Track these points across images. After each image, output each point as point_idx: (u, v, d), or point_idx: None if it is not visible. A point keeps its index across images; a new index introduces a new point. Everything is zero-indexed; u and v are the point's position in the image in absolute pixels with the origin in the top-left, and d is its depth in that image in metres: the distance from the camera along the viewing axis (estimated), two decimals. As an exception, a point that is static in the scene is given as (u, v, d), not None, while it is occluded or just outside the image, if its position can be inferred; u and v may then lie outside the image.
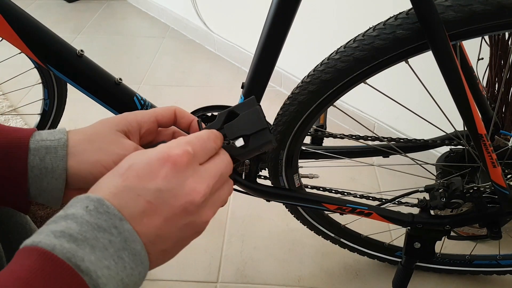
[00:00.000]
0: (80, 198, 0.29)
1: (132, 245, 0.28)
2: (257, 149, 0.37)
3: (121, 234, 0.28)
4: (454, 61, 0.53)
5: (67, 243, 0.26)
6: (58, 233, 0.26)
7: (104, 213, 0.28)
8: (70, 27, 2.22)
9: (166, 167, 0.30)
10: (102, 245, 0.27)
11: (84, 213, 0.28)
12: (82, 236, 0.26)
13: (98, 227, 0.27)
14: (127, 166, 0.30)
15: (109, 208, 0.28)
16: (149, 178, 0.29)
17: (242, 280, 1.05)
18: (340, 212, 0.77)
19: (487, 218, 0.74)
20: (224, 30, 1.87)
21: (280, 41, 0.57)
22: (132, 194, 0.29)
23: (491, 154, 0.62)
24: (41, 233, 0.27)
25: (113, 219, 0.28)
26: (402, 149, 0.78)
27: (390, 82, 1.07)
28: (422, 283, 1.03)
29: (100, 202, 0.28)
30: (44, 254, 0.25)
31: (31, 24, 0.55)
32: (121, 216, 0.28)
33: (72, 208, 0.28)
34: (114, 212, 0.28)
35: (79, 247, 0.26)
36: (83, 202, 0.28)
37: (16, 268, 0.25)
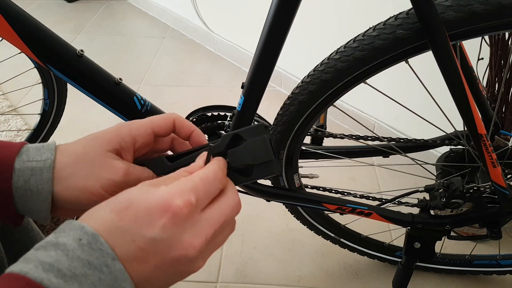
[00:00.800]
0: (73, 225, 0.28)
1: (122, 284, 0.27)
2: (259, 178, 0.35)
3: (112, 273, 0.27)
4: (454, 61, 0.53)
5: (55, 278, 0.25)
6: (47, 265, 0.26)
7: (97, 250, 0.27)
8: (70, 27, 2.22)
9: (165, 217, 0.28)
10: (91, 283, 0.26)
11: (76, 246, 0.27)
12: (71, 272, 0.26)
13: (89, 264, 0.26)
14: (126, 206, 0.28)
15: (103, 245, 0.27)
16: (146, 225, 0.28)
17: (242, 280, 1.05)
18: (340, 212, 0.77)
19: (487, 218, 0.74)
20: (224, 30, 1.87)
21: (280, 41, 0.57)
22: (126, 237, 0.28)
23: (491, 154, 0.62)
24: (30, 262, 0.26)
25: (105, 258, 0.27)
26: (402, 149, 0.78)
27: (390, 82, 1.07)
28: (422, 283, 1.03)
29: (94, 237, 0.27)
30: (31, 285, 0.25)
31: (31, 24, 0.55)
32: (114, 255, 0.27)
33: (64, 237, 0.27)
34: (108, 251, 0.27)
35: (67, 283, 0.25)
36: (77, 232, 0.27)
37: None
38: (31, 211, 0.35)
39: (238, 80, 1.78)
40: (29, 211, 0.35)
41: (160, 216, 0.28)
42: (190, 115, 0.77)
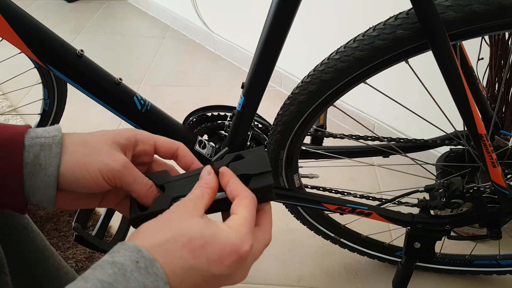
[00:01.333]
0: (129, 247, 0.30)
1: None
2: (255, 190, 0.37)
3: None
4: (454, 61, 0.53)
5: None
6: (107, 284, 0.27)
7: (153, 274, 0.29)
8: (70, 27, 2.22)
9: (233, 258, 0.32)
10: None
11: (134, 268, 0.29)
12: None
13: (144, 286, 0.28)
14: (201, 245, 0.31)
15: (159, 270, 0.29)
16: (217, 265, 0.31)
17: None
18: (340, 212, 0.77)
19: (487, 218, 0.74)
20: (224, 30, 1.87)
21: (280, 41, 0.57)
22: (197, 273, 0.31)
23: (491, 154, 0.62)
24: (88, 281, 0.28)
25: (159, 282, 0.29)
26: (402, 149, 0.78)
27: (390, 82, 1.07)
28: (422, 283, 1.03)
29: (152, 262, 0.29)
30: None
31: (31, 24, 0.56)
32: (166, 279, 0.30)
33: (120, 256, 0.29)
34: (162, 276, 0.29)
35: None
36: (133, 254, 0.30)
37: None
38: (38, 188, 0.36)
39: (238, 80, 1.78)
40: (36, 189, 0.36)
41: (229, 257, 0.31)
42: (190, 115, 0.77)
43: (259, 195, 0.37)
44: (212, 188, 0.36)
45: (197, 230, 0.32)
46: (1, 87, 1.69)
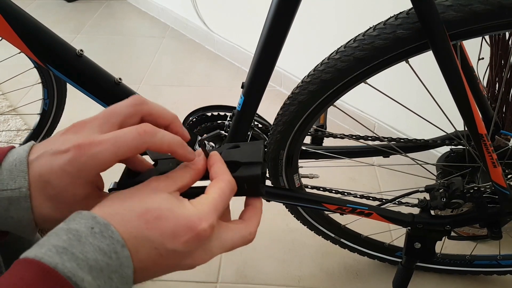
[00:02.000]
0: (84, 215, 0.29)
1: (125, 270, 0.29)
2: (239, 178, 0.36)
3: (119, 259, 0.29)
4: (454, 61, 0.53)
5: (69, 262, 0.27)
6: (61, 249, 0.27)
7: (108, 237, 0.29)
8: (70, 27, 2.22)
9: (189, 235, 0.31)
10: (99, 267, 0.28)
11: (89, 233, 0.28)
12: (83, 256, 0.27)
13: (100, 250, 0.28)
14: (155, 217, 0.30)
15: (114, 234, 0.29)
16: (171, 238, 0.30)
17: (242, 280, 1.05)
18: (340, 212, 0.77)
19: (487, 218, 0.74)
20: (224, 30, 1.87)
21: (280, 41, 0.57)
22: (150, 244, 0.30)
23: (492, 154, 0.62)
24: (43, 247, 0.27)
25: (115, 245, 0.29)
26: (402, 149, 0.78)
27: (390, 82, 1.07)
28: (422, 283, 1.03)
29: (106, 227, 0.29)
30: (46, 270, 0.26)
31: (31, 24, 0.55)
32: (124, 242, 0.29)
33: (75, 223, 0.29)
34: (118, 239, 0.29)
35: (79, 266, 0.27)
36: (88, 221, 0.29)
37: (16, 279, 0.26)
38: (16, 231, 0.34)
39: (238, 80, 1.78)
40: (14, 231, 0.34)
41: (185, 234, 0.30)
42: (190, 115, 0.77)
43: (246, 186, 0.36)
44: (196, 170, 0.35)
45: (156, 202, 0.31)
46: (0, 87, 1.69)
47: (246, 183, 0.36)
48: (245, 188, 0.36)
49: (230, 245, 0.35)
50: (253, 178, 0.36)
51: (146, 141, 0.32)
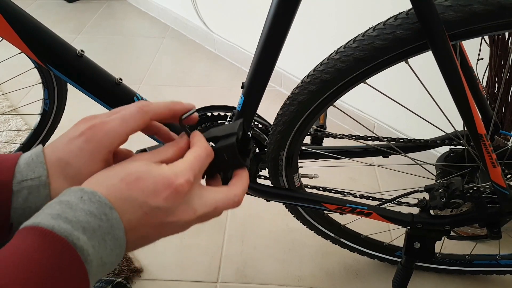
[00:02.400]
0: (73, 189, 0.32)
1: (116, 232, 0.32)
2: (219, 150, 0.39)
3: (109, 220, 0.31)
4: (454, 61, 0.53)
5: (64, 224, 0.29)
6: (55, 215, 0.30)
7: (96, 202, 0.31)
8: (70, 27, 2.22)
9: (169, 191, 0.33)
10: (92, 228, 0.30)
11: (79, 202, 0.31)
12: (76, 219, 0.30)
13: (90, 213, 0.31)
14: (135, 178, 0.33)
15: (101, 198, 0.32)
16: (152, 196, 0.33)
17: (242, 280, 1.05)
18: (340, 212, 0.77)
19: (487, 218, 0.74)
20: (224, 30, 1.87)
21: (280, 41, 0.57)
22: (134, 204, 0.33)
23: (491, 154, 0.62)
24: (39, 216, 0.30)
25: (103, 208, 0.31)
26: (402, 149, 0.78)
27: (390, 82, 1.07)
28: (422, 283, 1.03)
29: (93, 194, 0.32)
30: (44, 232, 0.28)
31: (31, 24, 0.55)
32: (111, 205, 0.32)
33: (66, 196, 0.31)
34: (105, 202, 0.32)
35: (74, 228, 0.29)
36: (77, 193, 0.32)
37: (19, 243, 0.28)
38: None
39: (238, 80, 1.78)
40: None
41: (164, 190, 0.33)
42: (190, 115, 0.77)
43: (226, 156, 0.39)
44: (178, 147, 0.38)
45: (134, 167, 0.34)
46: (1, 87, 1.69)
47: (225, 153, 0.39)
48: (226, 158, 0.39)
49: (213, 204, 0.37)
50: (229, 146, 0.39)
51: (147, 110, 0.37)
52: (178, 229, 0.36)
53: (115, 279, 0.98)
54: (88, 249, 0.30)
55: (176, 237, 1.15)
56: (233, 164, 0.41)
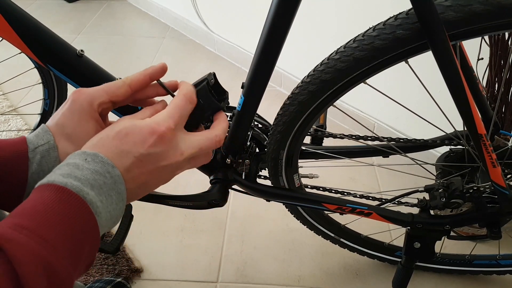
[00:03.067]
0: (77, 153, 0.37)
1: (119, 186, 0.37)
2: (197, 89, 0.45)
3: (112, 178, 0.36)
4: (454, 61, 0.53)
5: (74, 181, 0.34)
6: (66, 175, 0.35)
7: (100, 162, 0.36)
8: (70, 27, 2.22)
9: (153, 138, 0.39)
10: (98, 185, 0.35)
11: (83, 162, 0.36)
12: (84, 177, 0.35)
13: (95, 171, 0.36)
14: (125, 133, 0.38)
15: (103, 158, 0.37)
16: (141, 145, 0.38)
17: (242, 280, 1.05)
18: (340, 212, 0.77)
19: (487, 218, 0.74)
20: (224, 30, 1.87)
21: (280, 41, 0.57)
22: (129, 155, 0.38)
23: (491, 154, 0.62)
24: (51, 176, 0.35)
25: (106, 166, 0.36)
26: (402, 149, 0.78)
27: (390, 82, 1.07)
28: (422, 283, 1.03)
29: (95, 155, 0.37)
30: (59, 188, 0.33)
31: (31, 24, 0.56)
32: (113, 164, 0.37)
33: (72, 159, 0.36)
34: (108, 162, 0.37)
35: (83, 185, 0.34)
36: (81, 156, 0.37)
37: (38, 197, 0.33)
38: None
39: (238, 80, 1.78)
40: None
41: (150, 137, 0.38)
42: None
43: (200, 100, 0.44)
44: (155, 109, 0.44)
45: (121, 125, 0.39)
46: (1, 87, 1.69)
47: (200, 98, 0.44)
48: (202, 103, 0.45)
49: (197, 145, 0.42)
50: (201, 90, 0.45)
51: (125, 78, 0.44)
52: (172, 172, 0.41)
53: (115, 279, 0.98)
54: (97, 203, 0.34)
55: (176, 237, 1.15)
56: (210, 108, 0.46)
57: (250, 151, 0.72)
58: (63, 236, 0.32)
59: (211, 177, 0.75)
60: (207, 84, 0.46)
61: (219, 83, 0.48)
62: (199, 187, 0.76)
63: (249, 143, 0.73)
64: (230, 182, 0.76)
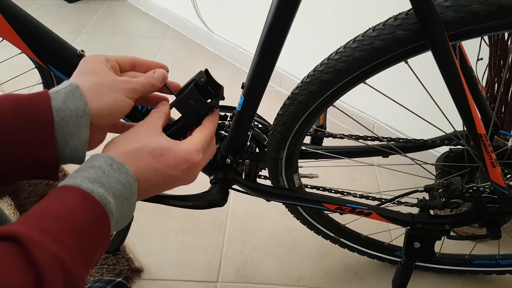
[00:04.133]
0: (102, 155, 0.39)
1: (132, 197, 0.40)
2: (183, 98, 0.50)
3: (131, 189, 0.39)
4: (453, 61, 0.53)
5: (100, 188, 0.36)
6: (92, 179, 0.36)
7: (124, 173, 0.39)
8: (70, 27, 2.22)
9: (186, 165, 0.44)
10: (118, 194, 0.38)
11: (109, 169, 0.38)
12: (109, 185, 0.37)
13: (119, 181, 0.38)
14: (160, 153, 0.42)
15: (128, 171, 0.39)
16: (172, 168, 0.43)
17: (242, 280, 1.05)
18: (340, 212, 0.77)
19: (486, 218, 0.74)
20: (224, 31, 1.87)
21: (280, 41, 0.57)
22: (158, 174, 0.42)
23: (491, 154, 0.62)
24: (77, 178, 0.36)
25: (129, 178, 0.39)
26: (402, 149, 0.78)
27: (389, 82, 1.07)
28: (421, 283, 1.04)
29: (122, 165, 0.39)
30: (85, 194, 0.35)
31: (32, 24, 0.56)
32: (135, 178, 0.40)
33: (97, 162, 0.38)
34: (132, 175, 0.40)
35: (107, 192, 0.36)
36: (107, 160, 0.39)
37: (63, 199, 0.34)
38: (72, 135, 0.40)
39: (238, 80, 1.78)
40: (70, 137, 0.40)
41: (182, 164, 0.44)
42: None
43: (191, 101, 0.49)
44: (164, 113, 0.48)
45: (158, 143, 0.43)
46: (1, 87, 1.69)
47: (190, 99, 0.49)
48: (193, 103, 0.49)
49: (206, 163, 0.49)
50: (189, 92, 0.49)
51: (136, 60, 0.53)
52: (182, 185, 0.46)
53: (115, 279, 0.98)
54: (114, 211, 0.37)
55: (176, 237, 1.15)
56: (203, 107, 0.49)
57: (250, 151, 0.72)
58: (83, 244, 0.34)
59: (211, 177, 0.75)
60: (195, 85, 0.49)
61: (213, 78, 0.51)
62: (199, 187, 0.76)
63: (249, 143, 0.73)
64: (230, 182, 0.76)
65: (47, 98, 0.39)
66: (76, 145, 0.41)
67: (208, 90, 0.51)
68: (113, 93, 0.43)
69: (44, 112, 0.38)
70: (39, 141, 0.38)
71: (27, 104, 0.38)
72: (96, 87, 0.42)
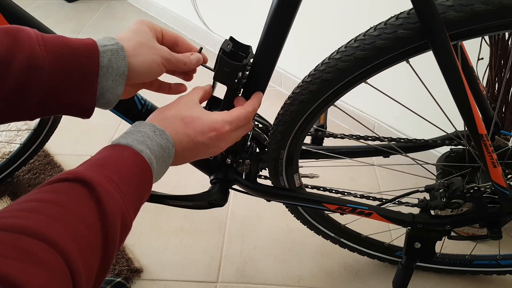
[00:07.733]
0: (146, 123, 0.46)
1: (169, 161, 0.46)
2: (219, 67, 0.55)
3: (169, 153, 0.46)
4: (454, 61, 0.53)
5: (147, 150, 0.42)
6: (140, 142, 0.42)
7: (165, 138, 0.45)
8: (70, 27, 2.22)
9: (213, 133, 0.49)
10: (159, 156, 0.44)
11: (153, 134, 0.44)
12: (153, 148, 0.43)
13: (160, 145, 0.44)
14: (190, 120, 0.48)
15: (168, 137, 0.46)
16: (201, 135, 0.48)
17: (242, 280, 1.05)
18: (340, 212, 0.77)
19: (487, 218, 0.74)
20: (224, 30, 1.87)
21: (280, 41, 0.57)
22: (188, 138, 0.48)
23: (492, 154, 0.62)
24: (127, 139, 0.42)
25: (168, 144, 0.45)
26: (402, 149, 0.78)
27: (390, 82, 1.07)
28: (422, 283, 1.03)
29: (163, 131, 0.45)
30: (136, 153, 0.41)
31: (32, 24, 0.56)
32: (173, 143, 0.46)
33: (142, 128, 0.45)
34: (170, 140, 0.46)
35: (152, 154, 0.43)
36: (151, 127, 0.45)
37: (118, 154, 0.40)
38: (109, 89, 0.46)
39: (238, 80, 1.78)
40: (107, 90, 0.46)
41: (210, 131, 0.49)
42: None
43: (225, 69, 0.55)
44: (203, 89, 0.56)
45: (190, 112, 0.49)
46: (1, 86, 1.69)
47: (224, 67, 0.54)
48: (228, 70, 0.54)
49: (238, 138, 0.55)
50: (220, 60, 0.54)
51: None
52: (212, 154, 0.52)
53: (114, 279, 0.98)
54: (155, 170, 0.43)
55: (176, 237, 1.15)
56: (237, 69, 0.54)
57: (250, 151, 0.72)
58: (135, 194, 0.40)
59: (211, 177, 0.75)
60: (223, 53, 0.53)
61: (239, 42, 0.56)
62: (199, 187, 0.76)
63: (250, 143, 0.73)
64: (230, 182, 0.76)
65: (96, 53, 0.44)
66: (110, 98, 0.47)
67: (238, 54, 0.55)
68: (151, 55, 0.48)
69: (92, 64, 0.43)
70: (82, 88, 0.44)
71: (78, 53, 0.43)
72: (138, 45, 0.47)
